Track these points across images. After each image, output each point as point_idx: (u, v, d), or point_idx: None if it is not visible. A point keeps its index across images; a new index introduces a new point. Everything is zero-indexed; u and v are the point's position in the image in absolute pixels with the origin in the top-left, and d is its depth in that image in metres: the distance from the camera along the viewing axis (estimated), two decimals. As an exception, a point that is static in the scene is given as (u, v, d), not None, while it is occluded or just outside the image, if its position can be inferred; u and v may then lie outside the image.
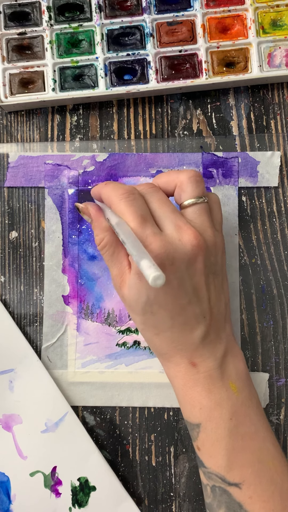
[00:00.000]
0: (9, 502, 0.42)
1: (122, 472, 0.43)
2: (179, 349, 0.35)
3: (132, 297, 0.34)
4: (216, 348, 0.35)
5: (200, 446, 0.35)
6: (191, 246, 0.33)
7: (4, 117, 0.46)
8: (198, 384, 0.35)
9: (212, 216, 0.36)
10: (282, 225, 0.44)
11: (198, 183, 0.36)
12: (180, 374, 0.36)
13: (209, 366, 0.35)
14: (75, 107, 0.45)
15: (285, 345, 0.44)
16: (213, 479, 0.34)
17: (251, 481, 0.34)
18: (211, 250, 0.35)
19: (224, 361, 0.36)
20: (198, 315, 0.35)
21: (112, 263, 0.36)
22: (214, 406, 0.35)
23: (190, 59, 0.44)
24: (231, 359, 0.36)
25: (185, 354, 0.35)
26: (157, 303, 0.34)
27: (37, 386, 0.42)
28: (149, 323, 0.35)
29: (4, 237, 0.45)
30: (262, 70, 0.43)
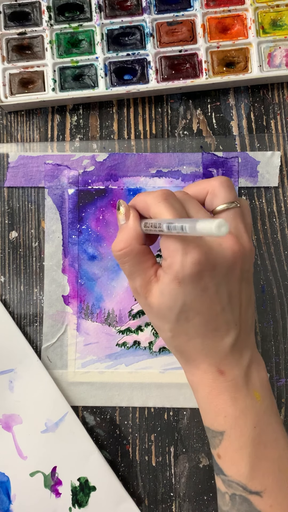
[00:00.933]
0: (9, 502, 0.42)
1: (122, 472, 0.43)
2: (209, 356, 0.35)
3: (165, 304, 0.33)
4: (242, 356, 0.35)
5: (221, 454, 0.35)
6: (232, 252, 0.33)
7: (4, 117, 0.46)
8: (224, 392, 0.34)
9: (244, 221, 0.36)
10: (282, 225, 0.44)
11: (230, 188, 0.35)
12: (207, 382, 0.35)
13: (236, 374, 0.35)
14: (75, 107, 0.45)
15: (285, 345, 0.44)
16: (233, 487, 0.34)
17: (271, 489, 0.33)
18: (247, 256, 0.34)
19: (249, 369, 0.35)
20: (230, 322, 0.34)
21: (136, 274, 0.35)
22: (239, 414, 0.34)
23: (190, 59, 0.44)
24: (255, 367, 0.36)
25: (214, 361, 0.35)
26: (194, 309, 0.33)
27: (37, 386, 0.42)
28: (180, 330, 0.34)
29: (4, 237, 0.45)
30: (262, 70, 0.43)
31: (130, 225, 0.35)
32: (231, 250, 0.33)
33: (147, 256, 0.35)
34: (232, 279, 0.34)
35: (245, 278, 0.35)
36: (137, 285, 0.35)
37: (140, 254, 0.34)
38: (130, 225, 0.35)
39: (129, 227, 0.35)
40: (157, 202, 0.33)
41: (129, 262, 0.34)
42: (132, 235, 0.34)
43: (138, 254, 0.34)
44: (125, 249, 0.34)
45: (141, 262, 0.34)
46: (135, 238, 0.34)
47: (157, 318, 0.35)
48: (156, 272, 0.34)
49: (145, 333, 0.44)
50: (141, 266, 0.34)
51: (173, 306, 0.33)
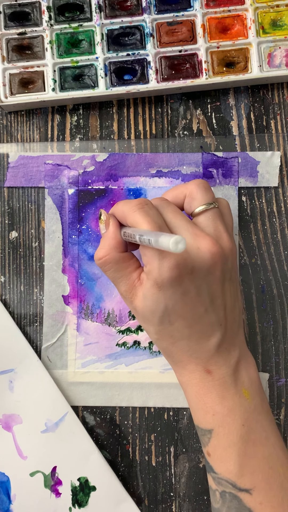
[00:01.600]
0: (9, 502, 0.42)
1: (122, 472, 0.43)
2: (195, 357, 0.35)
3: (148, 308, 0.34)
4: (230, 355, 0.36)
5: (211, 451, 0.35)
6: (210, 254, 0.33)
7: (4, 117, 0.46)
8: (212, 391, 0.35)
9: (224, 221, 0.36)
10: (282, 225, 0.44)
11: (207, 190, 0.36)
12: (194, 381, 0.36)
13: (223, 373, 0.35)
14: (75, 107, 0.45)
15: (285, 345, 0.44)
16: (223, 485, 0.34)
17: (261, 487, 0.34)
18: (227, 256, 0.35)
19: (238, 368, 0.36)
20: (215, 323, 0.35)
21: (119, 279, 0.36)
22: (227, 412, 0.35)
23: (190, 59, 0.44)
24: (244, 365, 0.36)
25: (200, 361, 0.35)
26: (175, 312, 0.34)
27: (37, 386, 0.42)
28: (165, 333, 0.35)
29: (4, 237, 0.45)
30: (262, 70, 0.43)
31: (109, 234, 0.36)
32: (209, 252, 0.33)
33: (129, 261, 0.36)
34: (213, 280, 0.34)
35: (228, 278, 0.35)
36: (122, 290, 0.36)
37: (121, 260, 0.35)
38: (110, 234, 0.36)
39: (109, 236, 0.36)
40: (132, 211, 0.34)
41: (110, 270, 0.36)
42: (111, 243, 0.35)
43: (118, 261, 0.35)
44: (105, 257, 0.35)
45: (123, 268, 0.35)
46: (114, 246, 0.35)
47: (142, 321, 0.36)
48: (140, 275, 0.35)
49: (145, 333, 0.44)
50: (123, 272, 0.35)
51: (155, 310, 0.34)
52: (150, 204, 0.35)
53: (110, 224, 0.36)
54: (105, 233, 0.36)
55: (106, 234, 0.36)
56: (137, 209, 0.34)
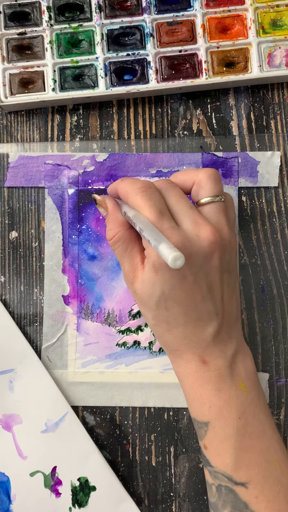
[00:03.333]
0: (9, 502, 0.42)
1: (122, 472, 0.43)
2: (191, 346, 0.35)
3: (145, 292, 0.34)
4: (227, 346, 0.35)
5: (207, 444, 0.35)
6: (209, 242, 0.33)
7: (4, 117, 0.46)
8: (208, 382, 0.35)
9: (227, 215, 0.36)
10: (282, 225, 0.44)
11: (217, 182, 0.36)
12: (190, 372, 0.35)
13: (220, 364, 0.35)
14: (75, 107, 0.45)
15: (285, 345, 0.44)
16: (219, 478, 0.34)
17: (257, 480, 0.34)
18: (227, 247, 0.35)
19: (234, 360, 0.36)
20: (211, 312, 0.35)
21: (125, 259, 0.36)
22: (224, 404, 0.34)
23: (190, 59, 0.44)
24: (241, 358, 0.36)
25: (197, 351, 0.35)
26: (172, 298, 0.34)
27: (37, 386, 0.42)
28: (161, 318, 0.35)
29: (4, 237, 0.45)
30: (262, 70, 0.43)
31: (110, 215, 0.37)
32: (207, 240, 0.33)
33: (136, 241, 0.36)
34: (211, 269, 0.34)
35: (226, 269, 0.35)
36: (126, 270, 0.36)
37: (128, 239, 0.36)
38: (111, 215, 0.37)
39: (111, 217, 0.36)
40: (135, 194, 0.34)
41: (119, 248, 0.36)
42: (116, 222, 0.36)
43: (126, 240, 0.36)
44: (116, 235, 0.36)
45: (130, 248, 0.36)
46: (120, 225, 0.36)
47: (141, 304, 0.36)
48: (144, 260, 0.35)
49: (145, 333, 0.44)
50: (129, 252, 0.36)
51: (152, 293, 0.34)
52: (154, 187, 0.34)
53: (107, 205, 0.37)
54: (107, 215, 0.37)
55: (108, 216, 0.37)
56: (140, 192, 0.34)
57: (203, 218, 0.34)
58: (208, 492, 0.36)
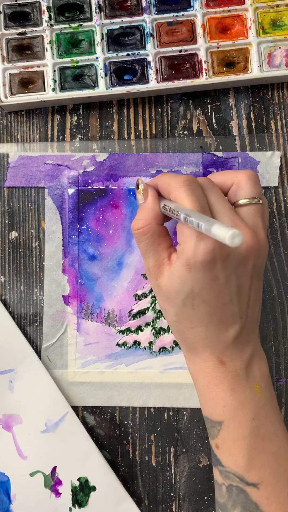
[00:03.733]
0: (9, 502, 0.42)
1: (122, 472, 0.43)
2: (210, 345, 0.35)
3: (173, 287, 0.34)
4: (244, 349, 0.35)
5: (219, 444, 0.35)
6: (247, 245, 0.33)
7: (4, 117, 0.46)
8: (224, 382, 0.35)
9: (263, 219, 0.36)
10: (282, 225, 0.44)
11: (256, 183, 0.35)
12: (207, 371, 0.35)
13: (237, 366, 0.35)
14: (75, 107, 0.45)
15: (285, 345, 0.44)
16: (231, 478, 0.34)
17: (268, 482, 0.34)
18: (262, 252, 0.35)
19: (251, 362, 0.36)
20: (236, 315, 0.34)
21: (150, 253, 0.35)
22: (238, 405, 0.34)
23: (190, 59, 0.44)
24: (257, 361, 0.36)
25: (215, 351, 0.35)
26: (201, 296, 0.33)
27: (37, 386, 0.42)
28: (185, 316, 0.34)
29: (4, 237, 0.45)
30: (262, 70, 0.43)
31: (148, 205, 0.36)
32: (245, 244, 0.33)
33: (164, 237, 0.35)
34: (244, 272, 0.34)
35: (257, 273, 0.35)
36: (150, 265, 0.35)
37: (157, 234, 0.35)
38: (149, 205, 0.36)
39: (148, 207, 0.35)
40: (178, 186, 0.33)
41: (145, 241, 0.35)
42: (151, 214, 0.35)
43: (155, 234, 0.35)
44: (144, 228, 0.35)
45: (157, 243, 0.35)
46: (153, 217, 0.35)
47: (164, 300, 0.35)
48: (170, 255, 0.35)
49: (145, 333, 0.44)
50: (156, 247, 0.35)
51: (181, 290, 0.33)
52: (197, 183, 0.34)
53: (149, 194, 0.36)
54: (143, 204, 0.36)
55: (144, 204, 0.36)
56: (184, 186, 0.33)
57: (242, 221, 0.34)
58: (217, 492, 0.36)
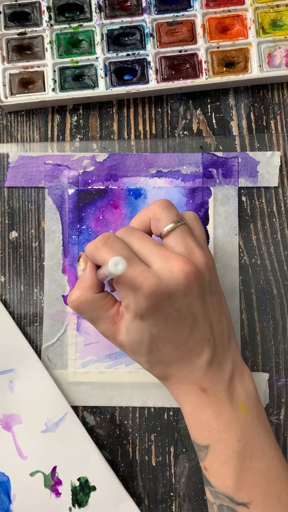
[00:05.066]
0: (9, 502, 0.42)
1: (122, 472, 0.43)
2: (188, 376, 0.35)
3: (134, 340, 0.34)
4: (223, 369, 0.35)
5: (207, 466, 0.35)
6: (184, 274, 0.33)
7: (4, 117, 0.46)
8: (208, 408, 0.35)
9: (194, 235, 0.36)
10: (282, 225, 0.44)
11: (169, 208, 0.35)
12: (189, 400, 0.35)
13: (219, 389, 0.35)
14: (75, 107, 0.45)
15: (285, 345, 0.44)
16: (221, 499, 0.34)
17: (259, 500, 0.34)
18: (203, 271, 0.34)
19: (232, 381, 0.35)
20: (202, 340, 0.34)
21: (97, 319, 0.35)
22: (223, 428, 0.34)
23: (190, 59, 0.44)
24: (239, 378, 0.36)
25: (195, 381, 0.35)
26: (161, 338, 0.34)
27: (37, 386, 0.42)
28: (155, 360, 0.35)
29: (4, 237, 0.45)
30: (262, 70, 0.43)
31: (84, 276, 0.36)
32: (183, 273, 0.32)
33: (104, 300, 0.35)
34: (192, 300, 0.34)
35: (208, 291, 0.35)
36: (102, 329, 0.36)
37: (96, 300, 0.35)
38: (84, 276, 0.36)
39: (83, 278, 0.35)
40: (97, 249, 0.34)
41: (86, 310, 0.35)
42: (85, 285, 0.35)
43: (93, 302, 0.35)
44: (79, 299, 0.35)
45: (99, 307, 0.35)
46: (88, 287, 0.35)
47: (131, 354, 0.36)
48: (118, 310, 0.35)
49: (145, 333, 0.44)
50: (100, 311, 0.35)
51: (142, 340, 0.34)
52: (113, 237, 0.34)
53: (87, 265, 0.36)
54: (80, 275, 0.36)
55: (81, 276, 0.36)
56: (101, 246, 0.33)
57: (171, 252, 0.33)
58: (209, 510, 0.36)
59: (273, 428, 0.43)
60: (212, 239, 0.44)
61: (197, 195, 0.44)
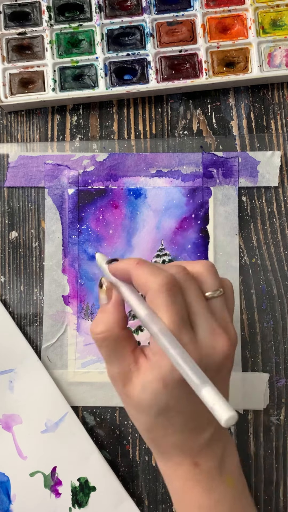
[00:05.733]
0: (9, 502, 0.42)
1: (122, 472, 0.43)
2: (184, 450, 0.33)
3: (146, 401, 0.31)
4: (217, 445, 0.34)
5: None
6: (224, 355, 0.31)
7: (4, 117, 0.46)
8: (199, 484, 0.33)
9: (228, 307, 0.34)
10: (282, 225, 0.44)
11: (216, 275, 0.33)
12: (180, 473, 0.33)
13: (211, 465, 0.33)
14: (75, 107, 0.45)
15: (285, 345, 0.44)
16: None
17: None
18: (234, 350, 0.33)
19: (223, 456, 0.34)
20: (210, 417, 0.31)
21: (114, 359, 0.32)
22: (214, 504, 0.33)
23: (190, 59, 0.44)
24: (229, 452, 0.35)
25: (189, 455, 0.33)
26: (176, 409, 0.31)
27: (37, 386, 0.42)
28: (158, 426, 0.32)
29: (4, 237, 0.45)
30: (262, 70, 0.43)
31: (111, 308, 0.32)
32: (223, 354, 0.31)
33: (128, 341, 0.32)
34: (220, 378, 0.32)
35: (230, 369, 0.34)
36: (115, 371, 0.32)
37: (120, 339, 0.32)
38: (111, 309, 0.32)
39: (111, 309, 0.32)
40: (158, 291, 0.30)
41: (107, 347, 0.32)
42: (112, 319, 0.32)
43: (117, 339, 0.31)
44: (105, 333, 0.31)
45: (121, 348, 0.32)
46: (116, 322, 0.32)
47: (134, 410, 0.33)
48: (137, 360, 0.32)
49: (145, 333, 0.44)
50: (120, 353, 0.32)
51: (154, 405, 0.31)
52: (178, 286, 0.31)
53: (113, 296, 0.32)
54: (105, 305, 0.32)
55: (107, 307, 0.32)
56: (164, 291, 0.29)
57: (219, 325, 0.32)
58: None
59: (273, 429, 0.43)
60: (212, 239, 0.44)
61: (197, 195, 0.44)
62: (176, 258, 0.44)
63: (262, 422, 0.43)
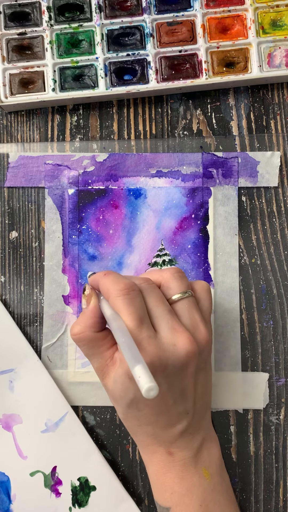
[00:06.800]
0: (9, 502, 0.42)
1: (122, 472, 0.43)
2: (158, 440, 0.36)
3: (117, 392, 0.34)
4: (194, 439, 0.36)
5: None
6: (186, 352, 0.33)
7: (4, 117, 0.46)
8: (172, 471, 0.35)
9: (200, 306, 0.36)
10: (282, 225, 0.44)
11: (182, 279, 0.36)
12: (155, 460, 0.36)
13: (185, 455, 0.36)
14: (75, 107, 0.45)
15: (285, 345, 0.44)
16: None
17: None
18: (202, 348, 0.35)
19: (200, 449, 0.36)
20: (182, 412, 0.35)
21: (91, 357, 0.35)
22: (186, 492, 0.35)
23: (190, 59, 0.44)
24: (207, 445, 0.37)
25: (163, 444, 0.36)
26: (144, 401, 0.34)
27: (37, 386, 0.42)
28: (131, 416, 0.35)
29: (4, 237, 0.45)
30: (262, 70, 0.43)
31: (89, 312, 0.35)
32: (185, 351, 0.33)
33: (103, 340, 0.35)
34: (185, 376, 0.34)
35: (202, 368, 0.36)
36: (94, 367, 0.36)
37: (96, 339, 0.35)
38: (89, 312, 0.35)
39: (88, 314, 0.35)
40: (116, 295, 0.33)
41: (84, 346, 0.35)
42: (88, 322, 0.35)
43: (92, 340, 0.35)
44: (79, 335, 0.35)
45: (96, 347, 0.35)
46: (91, 325, 0.35)
47: (112, 399, 0.36)
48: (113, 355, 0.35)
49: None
50: (96, 350, 0.35)
51: (124, 396, 0.34)
52: (137, 290, 0.34)
53: (91, 301, 0.36)
54: (85, 309, 0.36)
55: (85, 310, 0.36)
56: (122, 295, 0.33)
57: (181, 324, 0.34)
58: None
59: (273, 428, 0.43)
60: (212, 239, 0.44)
61: (197, 195, 0.44)
62: (176, 258, 0.44)
63: (262, 422, 0.43)
